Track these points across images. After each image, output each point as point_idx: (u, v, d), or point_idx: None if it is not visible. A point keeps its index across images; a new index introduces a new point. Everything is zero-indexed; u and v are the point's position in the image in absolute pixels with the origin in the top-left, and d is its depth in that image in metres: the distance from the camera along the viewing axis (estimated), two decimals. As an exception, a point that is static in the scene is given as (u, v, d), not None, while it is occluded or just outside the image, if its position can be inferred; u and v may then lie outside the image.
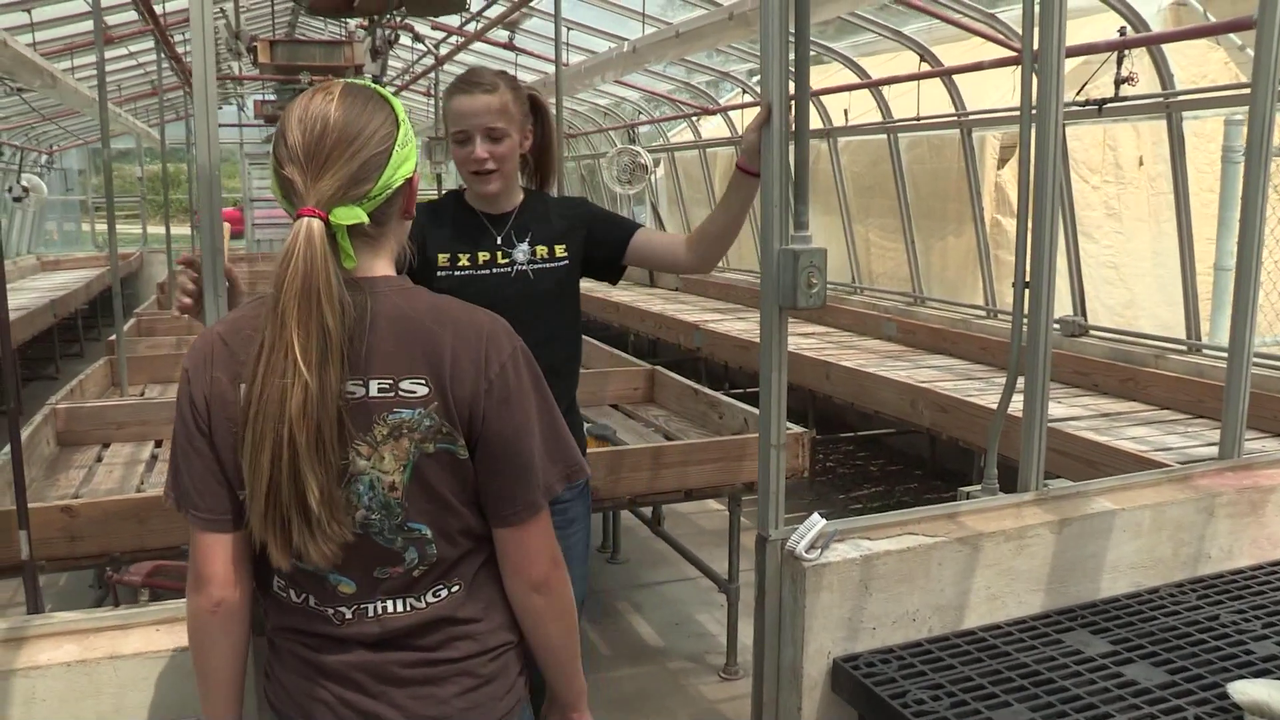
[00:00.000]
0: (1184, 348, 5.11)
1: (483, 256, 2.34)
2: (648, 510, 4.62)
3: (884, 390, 5.48)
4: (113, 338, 5.10)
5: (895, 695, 1.88)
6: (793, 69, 1.97)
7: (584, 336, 5.67)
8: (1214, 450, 2.70)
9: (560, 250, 2.38)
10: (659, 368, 4.92)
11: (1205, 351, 5.01)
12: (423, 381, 1.34)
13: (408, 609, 1.40)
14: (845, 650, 2.04)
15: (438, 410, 1.34)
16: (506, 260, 2.34)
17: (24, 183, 11.49)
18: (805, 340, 7.14)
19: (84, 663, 1.69)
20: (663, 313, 8.70)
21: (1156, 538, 2.36)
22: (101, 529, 2.76)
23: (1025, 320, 2.36)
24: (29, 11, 6.88)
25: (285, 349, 1.27)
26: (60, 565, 2.85)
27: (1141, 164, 6.16)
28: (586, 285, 2.52)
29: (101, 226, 14.16)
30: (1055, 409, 4.79)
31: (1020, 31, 2.58)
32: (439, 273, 2.30)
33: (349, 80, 1.42)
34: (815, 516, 2.05)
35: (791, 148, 1.98)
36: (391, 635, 1.40)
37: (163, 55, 7.52)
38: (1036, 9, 2.24)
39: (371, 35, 5.42)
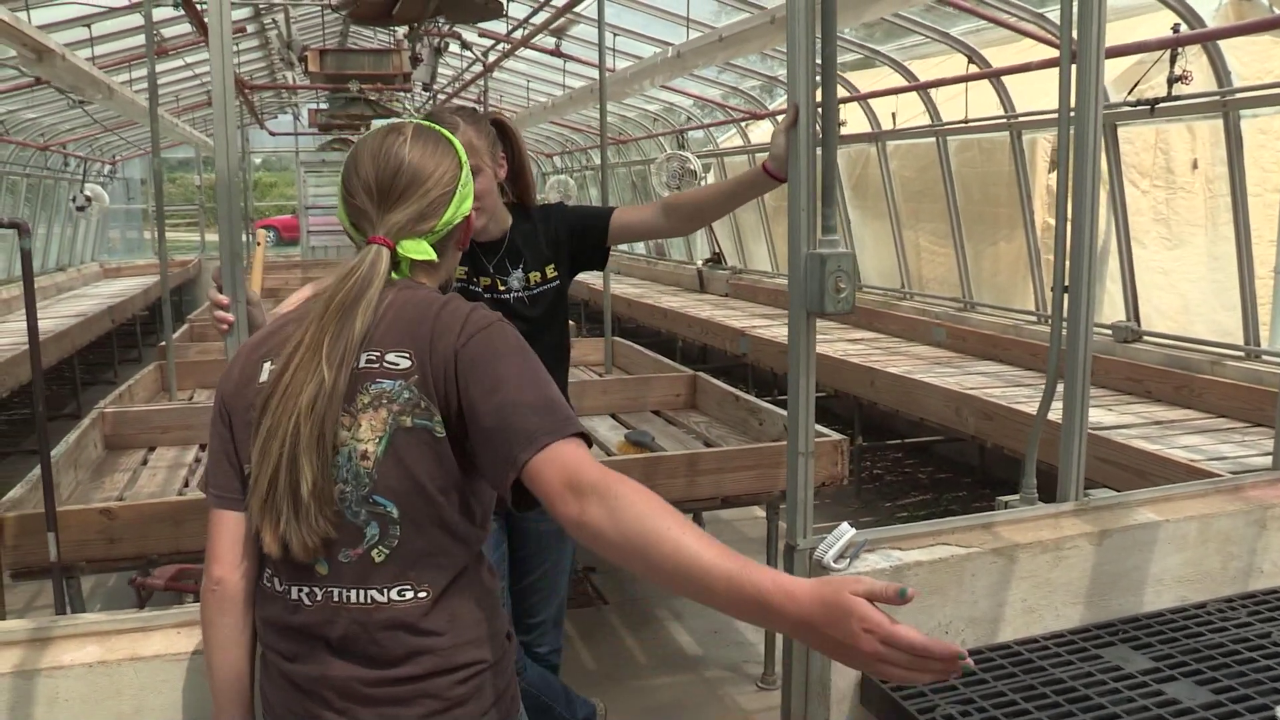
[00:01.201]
0: (1241, 353, 4.96)
1: (484, 281, 2.44)
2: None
3: (928, 397, 5.39)
4: (164, 343, 5.19)
5: (924, 710, 1.83)
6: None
7: (629, 343, 5.72)
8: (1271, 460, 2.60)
9: (550, 271, 2.48)
10: (701, 373, 4.88)
11: (1265, 358, 4.86)
12: (407, 355, 1.38)
13: (368, 601, 1.38)
14: (874, 663, 1.99)
15: (417, 384, 1.37)
16: (504, 288, 2.44)
17: (87, 192, 11.81)
18: (853, 346, 7.06)
19: (105, 664, 1.71)
20: (710, 318, 8.65)
21: (1203, 550, 2.27)
22: (138, 531, 2.80)
23: (1065, 324, 2.30)
24: (89, 27, 7.12)
25: (316, 348, 1.36)
26: (99, 566, 2.90)
27: (1196, 167, 5.99)
28: (636, 292, 2.56)
29: (163, 234, 14.51)
30: (1106, 416, 4.67)
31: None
32: (454, 283, 2.36)
33: (418, 122, 1.55)
34: (844, 526, 2.00)
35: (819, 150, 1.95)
36: (353, 636, 1.38)
37: (217, 66, 7.65)
38: (1075, 6, 2.18)
39: (413, 43, 5.45)
